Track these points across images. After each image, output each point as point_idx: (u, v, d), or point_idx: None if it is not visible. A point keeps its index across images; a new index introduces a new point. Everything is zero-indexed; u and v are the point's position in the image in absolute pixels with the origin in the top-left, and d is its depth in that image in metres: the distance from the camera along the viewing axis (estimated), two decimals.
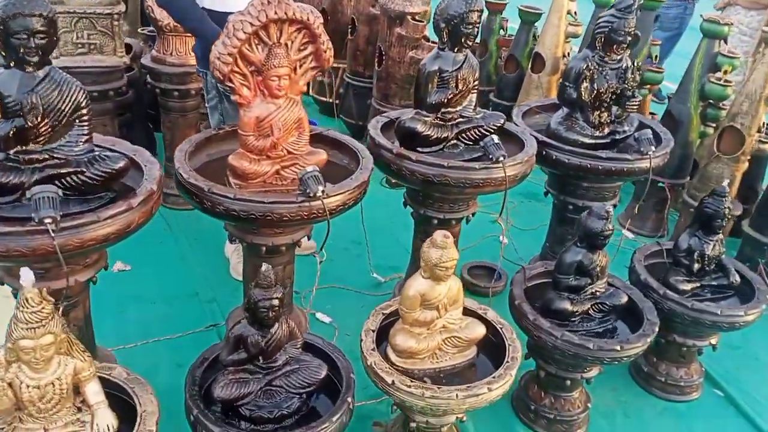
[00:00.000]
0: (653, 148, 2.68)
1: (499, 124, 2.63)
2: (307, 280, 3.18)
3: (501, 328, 2.13)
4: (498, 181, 2.44)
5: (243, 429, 1.80)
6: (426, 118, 2.55)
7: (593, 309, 2.28)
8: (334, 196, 2.19)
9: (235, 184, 2.32)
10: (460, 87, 2.55)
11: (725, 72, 3.51)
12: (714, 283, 2.51)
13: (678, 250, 2.50)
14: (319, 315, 2.96)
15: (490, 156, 2.42)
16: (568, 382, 2.32)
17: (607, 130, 2.87)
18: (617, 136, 2.85)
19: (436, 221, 2.69)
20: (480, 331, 2.08)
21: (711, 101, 3.60)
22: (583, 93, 2.78)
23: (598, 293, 2.29)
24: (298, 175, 2.14)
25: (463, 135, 2.59)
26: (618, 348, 2.12)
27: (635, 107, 2.83)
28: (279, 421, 1.82)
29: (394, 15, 4.09)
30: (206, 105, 3.07)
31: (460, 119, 2.60)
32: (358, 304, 3.05)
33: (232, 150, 2.34)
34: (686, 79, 3.68)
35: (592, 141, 2.83)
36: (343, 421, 1.80)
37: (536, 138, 2.77)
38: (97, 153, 2.05)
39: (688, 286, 2.46)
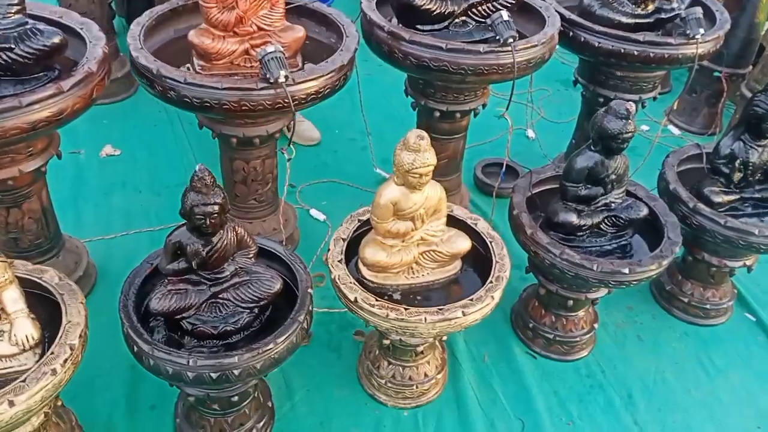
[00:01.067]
0: (702, 30, 2.21)
1: None
2: (307, 173, 2.95)
3: (491, 242, 1.85)
4: (507, 68, 2.06)
5: (184, 345, 1.62)
6: None
7: (606, 223, 1.96)
8: (304, 82, 1.88)
9: (199, 65, 2.04)
10: None
11: None
12: (758, 195, 2.12)
13: (717, 156, 2.11)
14: (313, 212, 2.73)
15: (497, 37, 2.03)
16: (570, 302, 2.05)
17: (651, 8, 2.39)
18: (663, 15, 2.37)
19: (438, 114, 2.35)
20: (463, 245, 1.81)
21: None
22: None
23: (612, 205, 1.96)
24: (257, 56, 1.82)
25: (474, 11, 2.19)
26: (626, 271, 1.82)
27: None
28: (224, 337, 1.64)
29: None
30: None
31: None
32: (358, 201, 2.79)
33: None
34: None
35: (632, 21, 2.37)
36: (293, 341, 1.60)
37: (563, 16, 2.33)
38: (29, 27, 1.78)
39: (724, 199, 2.09)
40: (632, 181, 2.11)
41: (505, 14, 2.04)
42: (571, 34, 2.34)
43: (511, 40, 2.01)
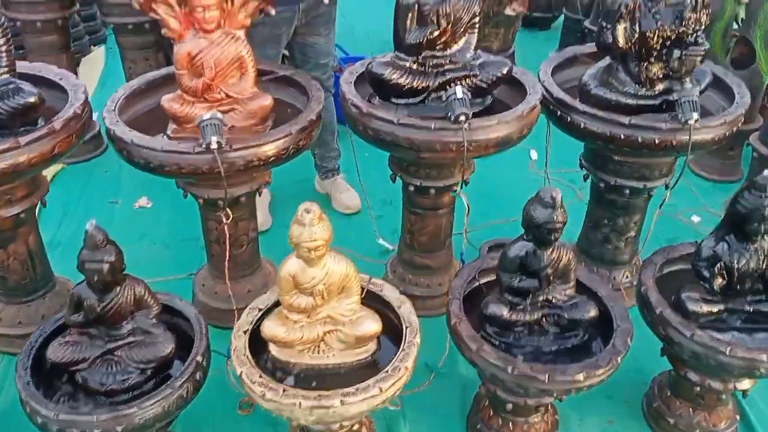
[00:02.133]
0: (695, 115, 1.98)
1: (500, 75, 2.13)
2: None
3: (406, 328, 1.73)
4: (461, 147, 1.96)
5: (75, 399, 1.66)
6: (403, 63, 2.13)
7: (547, 320, 1.77)
8: (241, 150, 1.92)
9: (172, 129, 2.15)
10: (443, 24, 2.08)
11: None
12: (749, 308, 1.81)
13: (698, 258, 1.84)
14: None
15: (449, 114, 1.95)
16: (509, 406, 1.85)
17: (660, 88, 2.18)
18: (672, 97, 2.15)
19: (412, 188, 2.28)
20: (370, 327, 1.71)
21: None
22: (619, 37, 2.12)
23: (556, 301, 1.77)
24: (195, 121, 1.89)
25: (451, 86, 2.12)
26: (543, 378, 1.61)
27: (698, 58, 2.10)
28: (110, 395, 1.66)
29: None
30: None
31: (449, 66, 2.13)
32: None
33: None
34: None
35: (633, 101, 2.16)
36: (166, 409, 1.58)
37: (551, 94, 2.20)
38: (13, 86, 1.98)
39: (704, 308, 1.80)
40: (595, 277, 1.90)
41: (459, 91, 1.96)
42: (558, 113, 2.19)
43: (462, 117, 1.92)
